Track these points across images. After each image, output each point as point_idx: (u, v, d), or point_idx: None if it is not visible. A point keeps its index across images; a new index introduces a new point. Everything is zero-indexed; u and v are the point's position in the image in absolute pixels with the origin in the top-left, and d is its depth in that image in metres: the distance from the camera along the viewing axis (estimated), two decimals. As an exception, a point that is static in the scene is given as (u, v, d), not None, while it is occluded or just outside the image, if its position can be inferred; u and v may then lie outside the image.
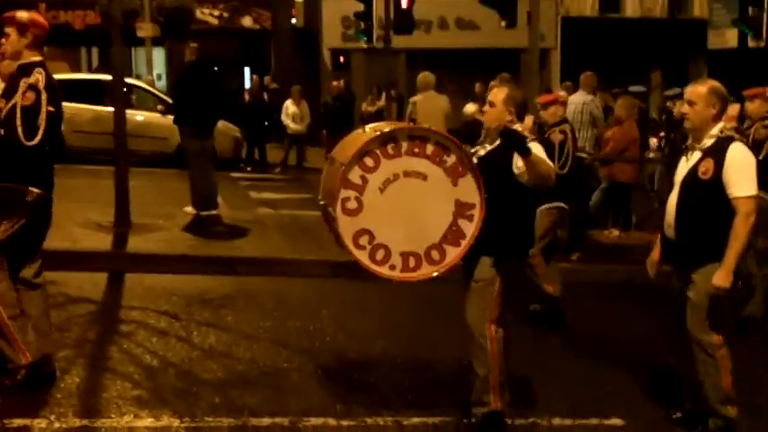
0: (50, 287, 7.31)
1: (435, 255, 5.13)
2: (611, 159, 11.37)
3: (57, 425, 4.84)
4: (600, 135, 11.39)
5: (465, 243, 5.10)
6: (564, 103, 8.38)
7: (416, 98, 11.61)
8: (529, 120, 7.64)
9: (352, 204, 5.04)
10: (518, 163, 4.92)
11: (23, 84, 5.04)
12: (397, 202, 5.06)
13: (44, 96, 5.07)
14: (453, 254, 5.12)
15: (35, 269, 5.46)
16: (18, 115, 4.98)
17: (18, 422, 4.83)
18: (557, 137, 7.68)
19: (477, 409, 5.19)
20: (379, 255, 5.09)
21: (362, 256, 5.08)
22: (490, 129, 5.30)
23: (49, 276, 7.47)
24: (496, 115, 5.22)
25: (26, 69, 5.14)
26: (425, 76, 11.71)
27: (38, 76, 5.10)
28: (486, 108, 5.32)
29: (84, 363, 5.87)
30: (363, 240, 5.08)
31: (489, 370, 5.11)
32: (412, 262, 5.13)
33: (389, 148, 5.04)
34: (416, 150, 5.04)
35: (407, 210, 5.08)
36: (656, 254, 5.48)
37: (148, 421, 4.99)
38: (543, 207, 7.21)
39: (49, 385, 5.35)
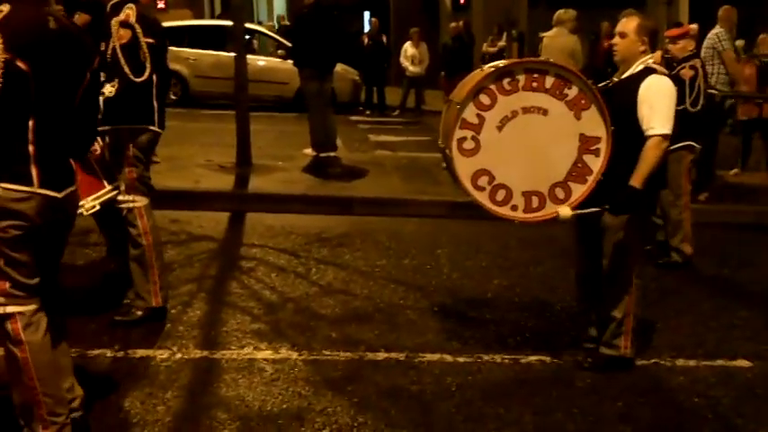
0: (173, 226, 7.65)
1: (560, 193, 4.93)
2: (747, 96, 10.89)
3: (178, 356, 4.97)
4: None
5: (591, 179, 4.89)
6: (694, 37, 8.00)
7: (547, 33, 11.14)
8: (657, 53, 7.31)
9: (469, 144, 4.88)
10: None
11: (114, 23, 5.05)
12: (517, 140, 4.87)
13: (138, 29, 5.06)
14: (579, 191, 4.90)
15: None
16: (119, 54, 5.01)
17: (141, 352, 4.99)
18: (687, 73, 7.33)
19: (605, 349, 5.07)
20: (500, 195, 4.93)
21: (482, 198, 4.92)
22: (621, 61, 5.02)
23: (173, 215, 7.83)
24: (628, 46, 4.94)
25: (117, 8, 5.13)
26: (563, 12, 10.99)
27: (128, 12, 5.08)
28: (616, 40, 5.01)
29: (205, 297, 6.01)
30: (482, 181, 4.91)
31: (625, 314, 4.97)
32: (535, 201, 4.94)
33: (506, 84, 4.83)
34: (535, 84, 4.83)
35: (528, 147, 4.89)
36: None
37: (267, 353, 5.08)
38: (673, 149, 6.93)
39: (168, 319, 5.51)
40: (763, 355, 5.43)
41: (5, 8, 3.45)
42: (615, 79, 5.02)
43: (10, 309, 3.55)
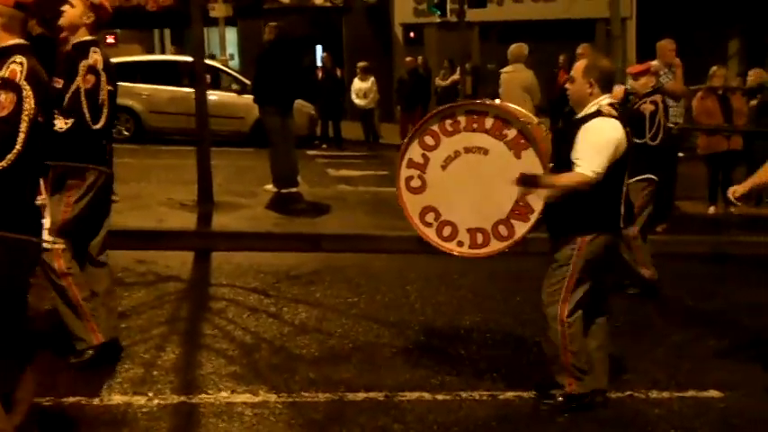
0: (139, 266, 7.56)
1: (503, 230, 5.15)
2: (707, 130, 11.12)
3: (156, 401, 4.88)
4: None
5: (533, 217, 5.06)
6: (656, 74, 8.20)
7: (506, 69, 11.29)
8: (619, 90, 7.42)
9: (416, 183, 5.19)
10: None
11: (83, 66, 5.01)
12: (461, 179, 5.11)
13: (103, 77, 5.06)
14: (522, 229, 5.10)
15: (98, 247, 5.44)
16: (83, 99, 4.98)
17: (118, 399, 4.90)
18: (647, 107, 7.46)
19: (556, 390, 5.05)
20: (446, 231, 5.21)
21: (430, 233, 5.24)
22: (575, 105, 4.93)
23: (138, 256, 7.76)
24: (577, 89, 4.85)
25: (83, 49, 5.09)
26: (517, 47, 11.05)
27: (96, 57, 5.06)
28: (569, 83, 4.98)
29: (178, 340, 5.94)
30: (430, 217, 5.22)
31: (558, 352, 4.93)
32: (480, 238, 5.18)
33: (448, 125, 5.11)
34: (475, 126, 5.07)
35: (472, 186, 5.11)
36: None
37: (245, 397, 5.02)
38: (633, 181, 7.03)
39: (123, 361, 5.41)
40: (734, 385, 5.51)
41: (22, 59, 3.42)
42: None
43: None
